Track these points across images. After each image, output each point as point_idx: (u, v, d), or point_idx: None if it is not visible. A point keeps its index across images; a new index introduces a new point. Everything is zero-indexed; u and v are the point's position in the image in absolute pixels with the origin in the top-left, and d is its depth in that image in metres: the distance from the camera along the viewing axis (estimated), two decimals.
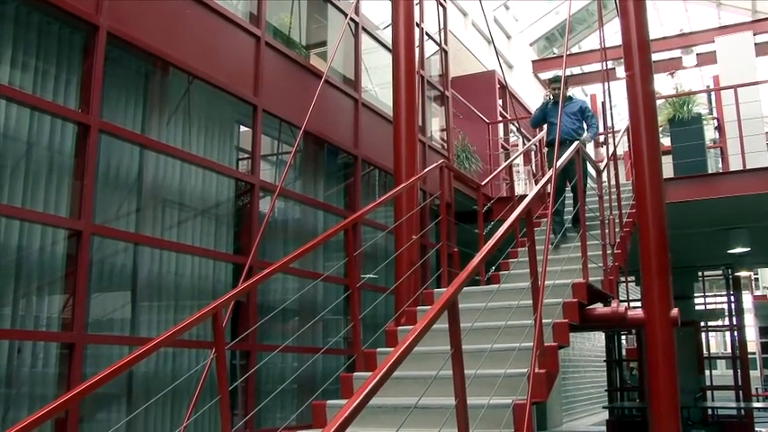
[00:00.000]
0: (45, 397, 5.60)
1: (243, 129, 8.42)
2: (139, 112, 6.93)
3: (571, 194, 9.93)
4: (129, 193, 6.78)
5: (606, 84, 10.14)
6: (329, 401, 5.27)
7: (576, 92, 26.72)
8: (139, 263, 6.72)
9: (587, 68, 21.02)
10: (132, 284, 6.67)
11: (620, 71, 12.71)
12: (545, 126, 10.61)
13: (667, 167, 10.41)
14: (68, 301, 5.84)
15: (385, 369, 2.94)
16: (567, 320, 5.70)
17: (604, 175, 8.66)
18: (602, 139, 14.76)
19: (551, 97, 9.89)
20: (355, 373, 5.61)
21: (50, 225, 5.85)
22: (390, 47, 8.99)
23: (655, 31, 15.32)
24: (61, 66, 6.12)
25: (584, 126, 9.91)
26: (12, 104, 5.70)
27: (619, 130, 11.10)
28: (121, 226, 6.61)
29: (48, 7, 5.89)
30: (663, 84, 17.73)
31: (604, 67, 9.89)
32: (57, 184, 5.97)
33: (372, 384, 2.83)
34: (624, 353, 19.81)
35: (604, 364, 19.33)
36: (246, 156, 8.41)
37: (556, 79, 10.13)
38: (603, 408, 18.42)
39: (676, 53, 18.95)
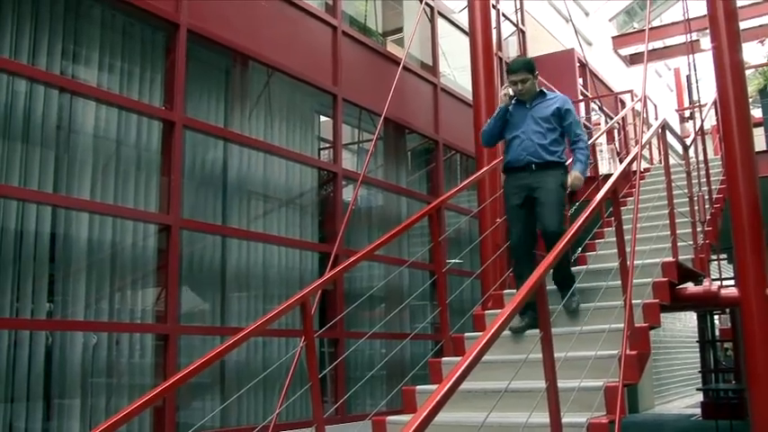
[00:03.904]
0: (143, 386, 5.77)
1: (323, 118, 8.48)
2: (221, 106, 7.05)
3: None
4: (214, 186, 6.92)
5: (691, 56, 9.82)
6: (419, 387, 5.27)
7: (659, 67, 25.87)
8: (227, 255, 6.85)
9: (669, 42, 20.43)
10: (221, 276, 6.81)
11: (706, 42, 12.29)
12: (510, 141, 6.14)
13: (759, 140, 9.98)
14: (161, 293, 6.00)
15: (474, 353, 2.92)
16: (657, 300, 5.56)
17: (691, 150, 8.41)
18: (687, 113, 14.25)
19: (511, 95, 5.88)
20: (444, 358, 5.59)
21: (141, 220, 6.02)
22: (467, 30, 8.91)
23: None
24: (145, 65, 6.27)
25: (563, 141, 5.93)
26: (101, 105, 5.88)
27: (705, 104, 10.76)
28: (209, 219, 6.75)
29: (130, 9, 6.04)
30: (752, 52, 17.06)
31: (688, 39, 9.58)
32: (145, 181, 6.14)
33: (462, 369, 2.81)
34: (717, 333, 19.28)
35: (697, 344, 18.85)
36: (328, 145, 8.47)
37: (515, 67, 5.93)
38: (697, 390, 17.97)
39: (766, 19, 18.17)
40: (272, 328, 6.44)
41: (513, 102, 5.92)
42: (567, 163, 5.88)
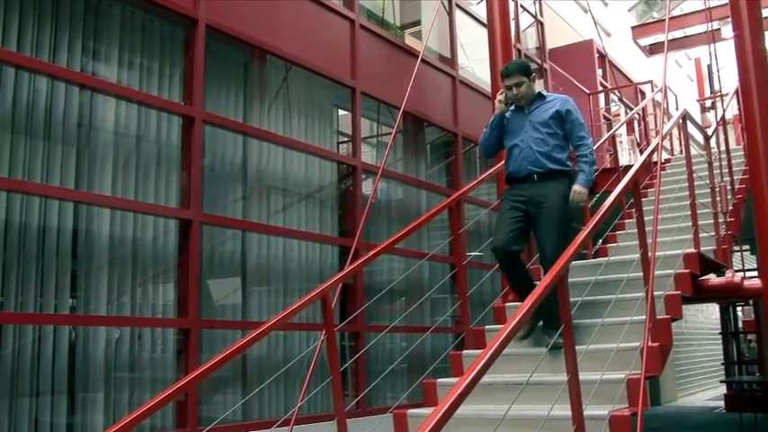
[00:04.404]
0: (165, 380, 5.82)
1: (342, 112, 8.49)
2: (240, 101, 7.07)
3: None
4: (234, 180, 6.94)
5: (712, 45, 9.73)
6: (440, 380, 5.27)
7: (679, 57, 25.60)
8: (248, 249, 6.88)
9: (690, 31, 20.25)
10: (242, 270, 6.84)
11: (727, 31, 12.14)
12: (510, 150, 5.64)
13: None
14: (182, 288, 6.03)
15: (495, 346, 2.92)
16: (679, 292, 5.53)
17: (713, 140, 8.34)
18: (708, 103, 14.11)
19: (508, 101, 5.50)
20: (465, 351, 5.58)
21: (162, 216, 6.06)
22: (485, 21, 8.87)
23: None
24: (164, 61, 6.30)
25: (568, 146, 5.49)
26: (121, 102, 5.91)
27: (727, 94, 10.66)
28: (229, 213, 6.78)
29: (149, 5, 6.07)
30: None
31: (709, 28, 9.49)
32: (166, 176, 6.17)
33: (483, 362, 2.81)
34: (741, 324, 19.12)
35: (719, 336, 18.71)
36: (347, 139, 8.47)
37: (508, 71, 5.45)
38: (721, 382, 17.83)
39: None
40: (293, 322, 6.46)
41: (510, 108, 5.55)
42: (574, 169, 5.43)
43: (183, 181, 6.20)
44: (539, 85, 7.45)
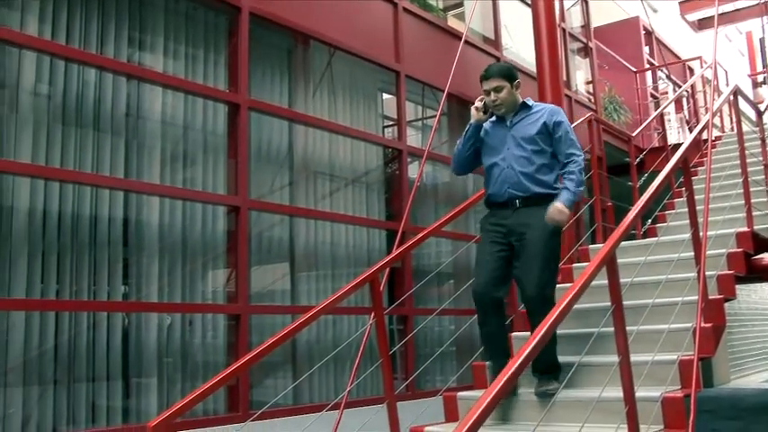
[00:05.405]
0: (216, 364, 5.89)
1: (386, 96, 8.47)
2: (285, 87, 7.10)
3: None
4: (280, 166, 6.98)
5: (765, 18, 9.49)
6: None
7: (729, 32, 25.04)
8: (295, 234, 6.92)
9: (740, 4, 19.79)
10: (290, 255, 6.89)
11: None
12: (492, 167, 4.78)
13: None
14: (231, 274, 6.10)
15: (546, 327, 2.89)
16: (732, 272, 5.44)
17: (766, 116, 8.16)
18: (761, 78, 13.82)
19: (486, 109, 4.61)
20: (514, 333, 5.55)
21: (210, 203, 6.12)
22: (528, 1, 8.77)
23: None
24: (208, 49, 6.34)
25: (557, 165, 4.63)
26: (167, 91, 5.98)
27: None
28: (276, 199, 6.82)
29: None
30: None
31: (761, 0, 9.26)
32: (213, 163, 6.23)
33: (534, 343, 2.78)
34: None
35: None
36: (392, 123, 8.46)
37: (487, 73, 4.60)
38: None
39: None
40: (342, 307, 6.49)
41: (490, 117, 4.69)
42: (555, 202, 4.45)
43: (230, 168, 6.26)
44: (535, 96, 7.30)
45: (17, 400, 4.77)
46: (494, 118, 4.70)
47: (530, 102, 4.71)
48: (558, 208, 4.37)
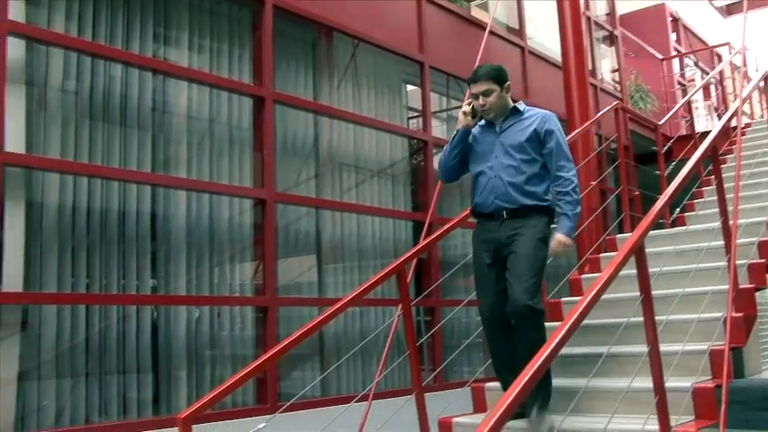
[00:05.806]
0: (244, 357, 5.93)
1: (410, 87, 8.45)
2: (310, 79, 7.11)
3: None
4: (306, 159, 7.00)
5: None
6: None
7: (759, 16, 24.67)
8: (322, 226, 6.94)
9: None
10: (316, 248, 6.91)
11: None
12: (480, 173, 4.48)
13: None
14: (258, 266, 6.13)
15: (574, 318, 2.87)
16: (763, 261, 5.37)
17: None
18: None
19: (476, 113, 4.36)
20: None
21: (236, 196, 6.15)
22: None
23: None
24: (233, 43, 6.36)
25: (548, 174, 4.32)
26: (192, 85, 6.01)
27: None
28: (302, 192, 6.84)
29: None
30: None
31: None
32: (239, 157, 6.25)
33: (562, 334, 2.77)
34: None
35: None
36: (416, 114, 8.45)
37: (475, 75, 4.32)
38: None
39: None
40: (369, 298, 6.49)
41: (478, 122, 4.42)
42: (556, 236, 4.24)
43: (256, 161, 6.28)
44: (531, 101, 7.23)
45: (50, 393, 4.83)
46: (483, 122, 4.44)
47: (521, 106, 4.41)
48: (562, 241, 4.18)
